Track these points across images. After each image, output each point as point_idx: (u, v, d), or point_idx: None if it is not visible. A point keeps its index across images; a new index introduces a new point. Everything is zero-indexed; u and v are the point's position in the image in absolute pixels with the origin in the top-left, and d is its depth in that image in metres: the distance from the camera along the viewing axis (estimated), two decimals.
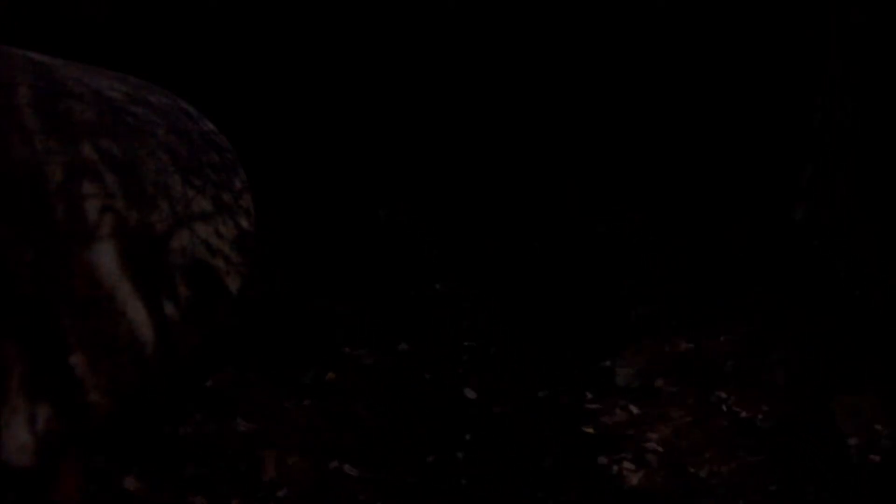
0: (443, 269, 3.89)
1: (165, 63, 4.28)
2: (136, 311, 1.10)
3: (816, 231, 4.29)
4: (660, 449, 2.42)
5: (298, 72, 5.04)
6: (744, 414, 2.69)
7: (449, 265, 3.96)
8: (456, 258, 4.09)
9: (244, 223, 1.48)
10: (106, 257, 1.09)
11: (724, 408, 2.72)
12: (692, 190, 5.08)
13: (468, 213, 4.83)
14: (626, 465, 2.32)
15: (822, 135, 4.16)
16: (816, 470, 2.37)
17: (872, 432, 2.62)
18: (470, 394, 2.68)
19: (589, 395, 2.74)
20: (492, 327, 3.28)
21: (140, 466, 2.00)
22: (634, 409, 2.66)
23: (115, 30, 4.40)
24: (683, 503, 2.16)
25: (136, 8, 4.54)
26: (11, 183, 1.04)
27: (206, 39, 4.74)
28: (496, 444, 2.36)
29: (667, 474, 2.29)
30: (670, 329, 3.39)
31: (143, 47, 4.44)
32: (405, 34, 5.02)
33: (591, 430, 2.49)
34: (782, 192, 4.74)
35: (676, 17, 4.87)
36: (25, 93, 1.17)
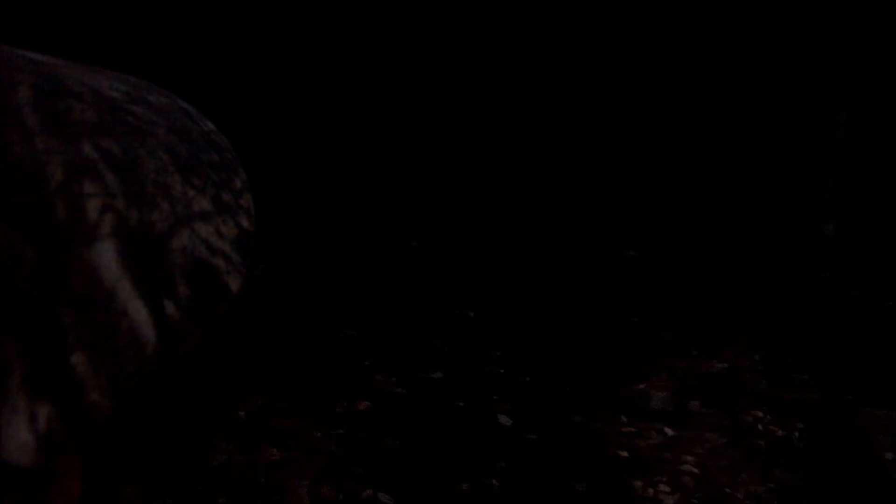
0: (469, 295, 3.90)
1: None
2: (137, 311, 1.10)
3: (847, 246, 4.28)
4: (696, 471, 2.40)
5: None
6: (780, 433, 2.68)
7: (474, 292, 3.97)
8: (479, 284, 4.10)
9: (244, 223, 1.48)
10: (106, 257, 1.09)
11: (760, 427, 2.71)
12: (709, 209, 5.08)
13: (484, 235, 4.84)
14: (662, 487, 2.31)
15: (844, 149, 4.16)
16: (854, 486, 2.36)
17: None
18: (504, 420, 2.67)
19: (623, 419, 2.74)
20: (523, 355, 3.28)
21: (173, 498, 2.00)
22: (669, 432, 2.66)
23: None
24: None
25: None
26: (12, 183, 1.04)
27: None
28: (531, 470, 2.35)
29: (703, 496, 2.27)
30: (701, 350, 3.40)
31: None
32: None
33: (625, 454, 2.48)
34: (803, 207, 4.74)
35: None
36: (25, 92, 1.17)
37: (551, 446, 2.51)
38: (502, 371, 3.09)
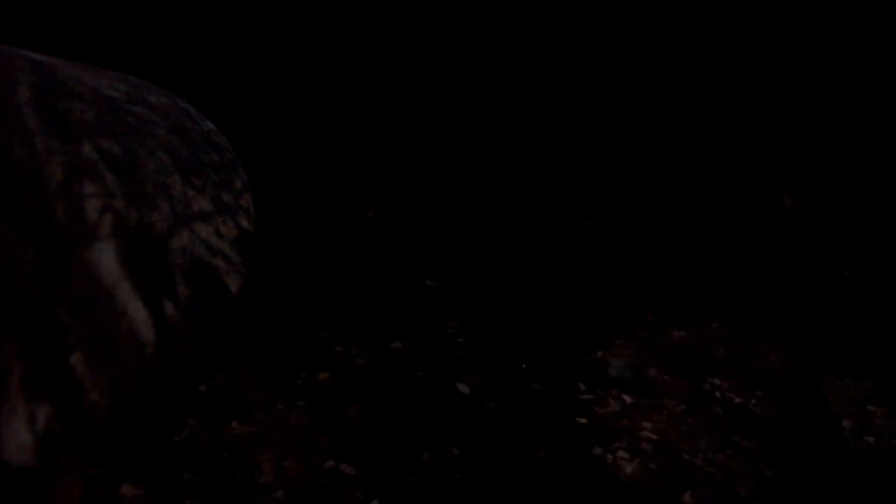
0: (431, 267, 3.91)
1: (165, 63, 4.27)
2: (137, 311, 1.10)
3: (805, 218, 4.34)
4: (654, 438, 2.44)
5: (296, 73, 5.04)
6: (737, 400, 2.72)
7: (437, 263, 3.98)
8: (444, 256, 4.10)
9: (244, 223, 1.48)
10: (106, 257, 1.08)
11: (718, 395, 2.75)
12: (673, 183, 5.10)
13: (455, 211, 4.85)
14: (621, 454, 2.34)
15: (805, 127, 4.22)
16: (811, 454, 2.39)
17: (866, 414, 2.65)
18: (463, 389, 2.69)
19: (582, 387, 2.76)
20: (483, 324, 3.29)
21: (137, 474, 2.01)
22: (628, 399, 2.69)
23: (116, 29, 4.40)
24: (679, 491, 2.18)
25: (138, 8, 4.54)
26: (11, 183, 1.04)
27: (207, 40, 4.73)
28: (491, 438, 2.38)
29: (662, 463, 2.30)
30: (661, 319, 3.41)
31: (143, 47, 4.43)
32: (403, 37, 5.02)
33: (584, 422, 2.51)
34: (766, 181, 4.78)
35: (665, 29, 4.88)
36: (25, 92, 1.17)
37: (510, 414, 2.53)
38: (460, 341, 3.09)
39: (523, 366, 2.95)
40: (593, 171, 5.16)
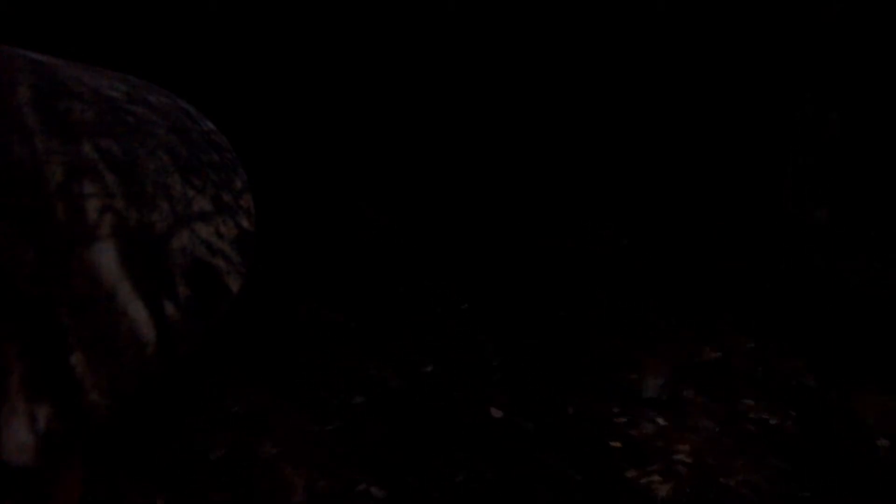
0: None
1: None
2: (137, 311, 1.10)
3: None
4: (689, 460, 2.41)
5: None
6: (773, 421, 2.69)
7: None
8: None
9: (244, 223, 1.48)
10: (106, 257, 1.08)
11: (753, 415, 2.72)
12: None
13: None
14: (655, 477, 2.32)
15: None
16: (848, 474, 2.37)
17: None
18: (496, 413, 2.68)
19: (616, 409, 2.75)
20: (515, 344, 3.29)
21: (169, 491, 2.01)
22: (662, 421, 2.67)
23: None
24: None
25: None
26: (12, 183, 1.04)
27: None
28: (525, 461, 2.36)
29: (696, 485, 2.28)
30: (694, 339, 3.40)
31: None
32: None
33: (618, 445, 2.49)
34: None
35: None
36: (25, 92, 1.17)
37: (545, 437, 2.52)
38: (494, 364, 3.08)
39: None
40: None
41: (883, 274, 3.89)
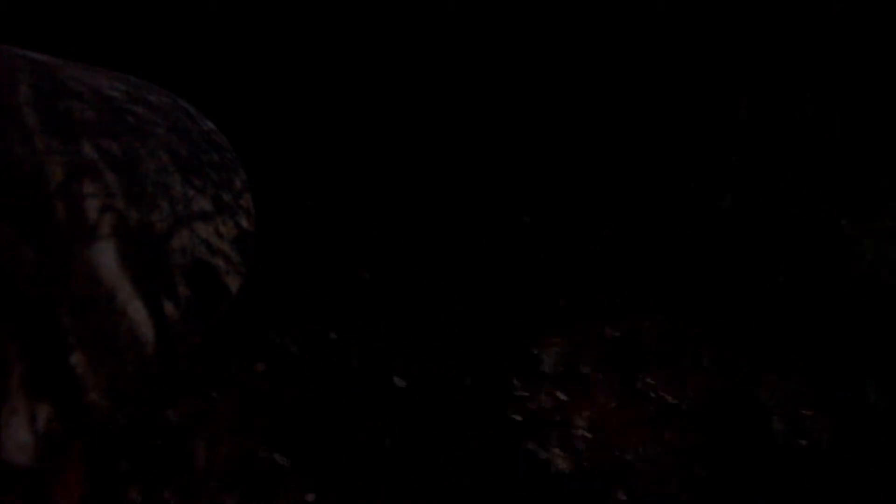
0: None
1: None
2: (137, 311, 1.10)
3: (743, 218, 4.34)
4: (587, 434, 2.46)
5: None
6: (670, 399, 2.73)
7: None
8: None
9: (244, 223, 1.48)
10: (106, 257, 1.08)
11: (651, 393, 2.76)
12: (607, 181, 5.10)
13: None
14: (554, 450, 2.36)
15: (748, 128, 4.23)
16: (742, 454, 2.40)
17: (799, 416, 2.67)
18: (399, 382, 2.70)
19: (516, 383, 2.78)
20: (420, 318, 3.29)
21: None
22: (561, 396, 2.71)
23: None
24: (611, 486, 2.20)
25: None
26: (12, 182, 1.04)
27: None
28: (424, 431, 2.38)
29: (594, 458, 2.32)
30: (596, 317, 3.42)
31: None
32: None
33: (518, 417, 2.52)
34: (704, 182, 4.77)
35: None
36: (25, 92, 1.17)
37: (445, 408, 2.53)
38: (395, 333, 3.09)
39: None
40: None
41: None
